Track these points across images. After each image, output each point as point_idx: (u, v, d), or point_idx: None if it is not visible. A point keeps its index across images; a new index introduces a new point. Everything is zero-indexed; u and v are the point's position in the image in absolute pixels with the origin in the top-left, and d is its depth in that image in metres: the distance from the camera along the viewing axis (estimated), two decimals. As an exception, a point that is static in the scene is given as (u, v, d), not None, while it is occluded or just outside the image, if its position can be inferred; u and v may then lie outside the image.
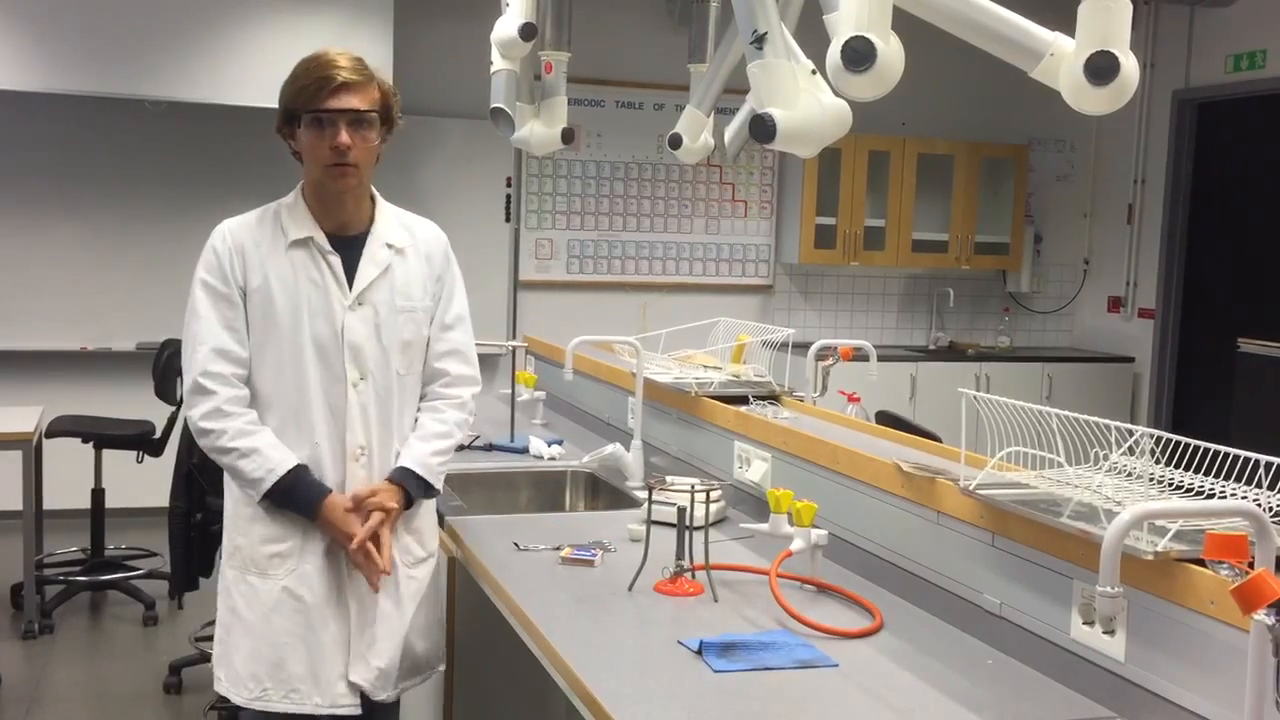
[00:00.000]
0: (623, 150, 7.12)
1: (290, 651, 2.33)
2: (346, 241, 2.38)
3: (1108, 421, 1.90)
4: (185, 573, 3.59)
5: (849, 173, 7.16)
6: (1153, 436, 1.92)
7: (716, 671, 1.88)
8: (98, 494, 5.17)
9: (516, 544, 2.61)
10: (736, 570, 2.43)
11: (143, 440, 5.05)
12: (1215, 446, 1.78)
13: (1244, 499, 1.67)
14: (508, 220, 6.87)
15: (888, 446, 2.66)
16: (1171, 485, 1.88)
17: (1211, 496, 1.79)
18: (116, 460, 5.14)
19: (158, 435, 5.08)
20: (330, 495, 2.33)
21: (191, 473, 3.49)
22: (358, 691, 2.37)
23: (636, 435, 3.27)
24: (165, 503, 3.57)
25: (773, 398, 3.23)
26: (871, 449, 2.52)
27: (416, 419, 2.47)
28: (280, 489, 2.29)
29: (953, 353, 7.51)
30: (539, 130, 3.13)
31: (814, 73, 2.03)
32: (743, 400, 3.15)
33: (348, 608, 2.37)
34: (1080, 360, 7.58)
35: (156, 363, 5.07)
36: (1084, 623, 1.85)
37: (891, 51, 1.86)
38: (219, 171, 6.20)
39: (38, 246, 6.15)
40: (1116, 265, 7.72)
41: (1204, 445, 1.80)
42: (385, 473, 2.40)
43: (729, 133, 3.03)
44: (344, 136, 2.27)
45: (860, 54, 1.84)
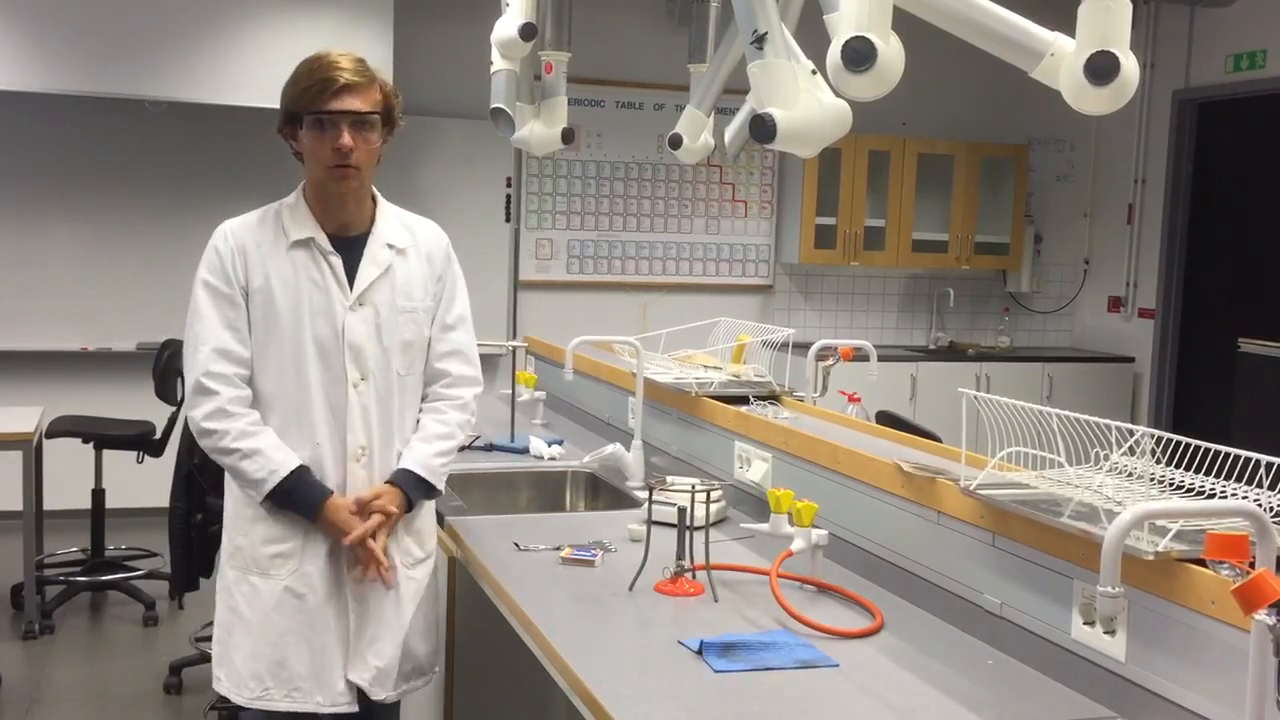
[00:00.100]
0: (623, 150, 7.12)
1: (292, 651, 2.34)
2: (348, 242, 2.39)
3: (1108, 421, 1.90)
4: (185, 573, 3.59)
5: (849, 173, 7.16)
6: (1153, 436, 1.92)
7: (717, 671, 1.88)
8: (98, 494, 5.16)
9: (517, 544, 2.61)
10: (737, 570, 2.43)
11: (143, 440, 5.05)
12: (1216, 446, 1.78)
13: (1244, 499, 1.67)
14: (508, 220, 6.86)
15: (888, 446, 2.66)
16: (1172, 485, 1.88)
17: (1212, 496, 1.79)
18: (117, 460, 5.14)
19: (158, 435, 5.08)
20: (331, 497, 2.33)
21: (192, 473, 3.48)
22: (356, 690, 2.38)
23: (637, 435, 3.27)
24: (165, 503, 3.57)
25: (773, 398, 3.23)
26: (872, 449, 2.52)
27: (418, 420, 2.48)
28: (282, 490, 2.29)
29: (953, 353, 7.51)
30: (539, 130, 3.13)
31: (814, 73, 2.03)
32: (743, 400, 3.15)
33: (348, 607, 2.37)
34: (1080, 360, 7.58)
35: (156, 363, 5.07)
36: (1085, 623, 1.85)
37: (892, 51, 1.86)
38: (219, 171, 6.20)
39: (38, 246, 6.15)
40: (1116, 265, 7.72)
41: (1204, 445, 1.80)
42: (386, 473, 2.41)
43: (729, 133, 3.03)
44: (346, 138, 2.27)
45: (860, 54, 1.84)
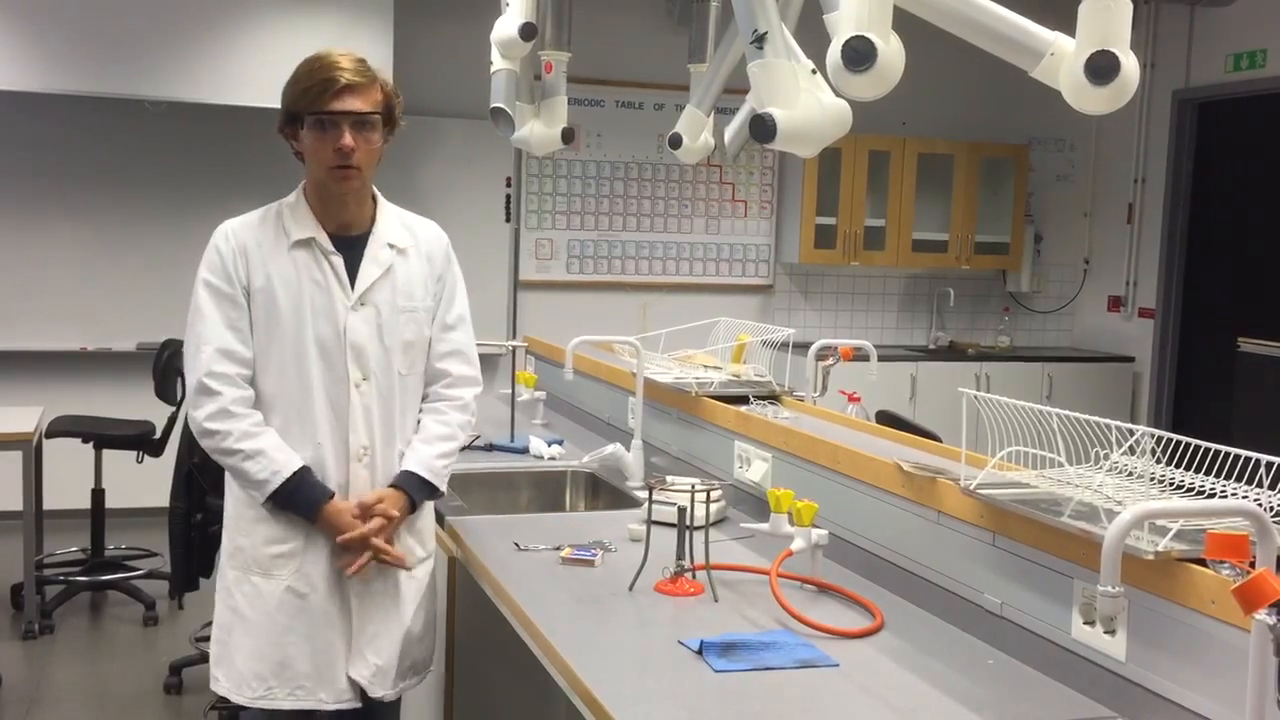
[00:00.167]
0: (623, 150, 7.12)
1: (295, 650, 2.34)
2: (348, 242, 2.38)
3: (1108, 421, 1.90)
4: (185, 573, 3.59)
5: (849, 173, 7.16)
6: (1153, 436, 1.92)
7: (717, 671, 1.88)
8: (98, 494, 5.16)
9: (517, 544, 2.61)
10: (737, 570, 2.42)
11: (143, 440, 5.05)
12: (1216, 446, 1.78)
13: (1245, 498, 1.67)
14: (508, 220, 6.86)
15: (888, 446, 2.66)
16: (1172, 485, 1.88)
17: (1212, 496, 1.79)
18: (116, 460, 5.14)
19: (158, 435, 5.08)
20: (332, 501, 2.33)
21: (192, 473, 3.48)
22: (357, 688, 2.38)
23: (637, 435, 3.27)
24: (165, 503, 3.56)
25: (773, 397, 3.23)
26: (872, 449, 2.52)
27: (419, 420, 2.48)
28: (284, 491, 2.29)
29: (953, 352, 7.51)
30: (539, 130, 3.13)
31: (814, 72, 2.03)
32: (743, 400, 3.15)
33: (350, 605, 2.38)
34: (1080, 360, 7.58)
35: (156, 363, 5.07)
36: (1085, 622, 1.85)
37: (892, 51, 1.86)
38: (219, 171, 6.20)
39: (38, 246, 6.15)
40: (1116, 265, 7.72)
41: (1204, 445, 1.80)
42: (388, 473, 2.41)
43: (729, 132, 3.03)
44: (348, 139, 2.27)
45: (860, 54, 1.84)
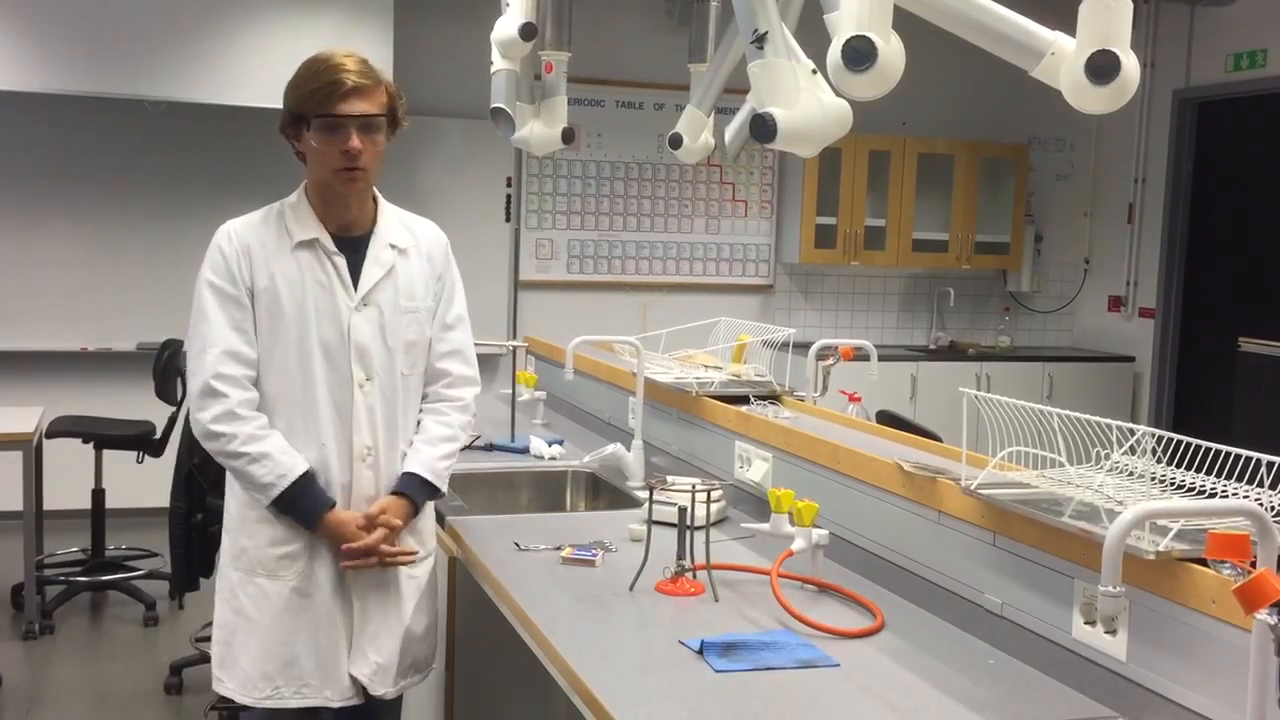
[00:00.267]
0: (623, 150, 7.12)
1: (302, 649, 2.34)
2: (350, 242, 2.38)
3: (1109, 421, 1.90)
4: (185, 573, 3.58)
5: (849, 172, 7.16)
6: (1154, 436, 1.92)
7: (718, 671, 1.88)
8: (98, 494, 5.16)
9: (517, 544, 2.61)
10: (737, 570, 2.42)
11: (143, 440, 5.05)
12: (1216, 446, 1.78)
13: (1245, 498, 1.67)
14: (508, 220, 6.86)
15: (888, 446, 2.66)
16: (1173, 484, 1.88)
17: (1213, 496, 1.79)
18: (117, 460, 5.14)
19: (158, 435, 5.08)
20: (333, 511, 2.33)
21: (192, 473, 3.48)
22: (359, 685, 2.39)
23: (637, 435, 3.27)
24: (165, 503, 3.56)
25: (773, 397, 3.23)
26: (872, 449, 2.52)
27: (419, 420, 2.48)
28: (287, 497, 2.29)
29: (953, 352, 7.51)
30: (539, 130, 3.13)
31: (814, 72, 2.03)
32: (743, 400, 3.15)
33: (351, 603, 2.38)
34: (1081, 360, 7.58)
35: (157, 363, 5.07)
36: (1085, 622, 1.85)
37: (892, 51, 1.86)
38: (219, 171, 6.20)
39: (38, 246, 6.14)
40: (1117, 265, 7.72)
41: (1205, 444, 1.80)
42: (391, 472, 2.41)
43: (729, 132, 3.03)
44: (355, 141, 2.27)
45: (861, 53, 1.84)
